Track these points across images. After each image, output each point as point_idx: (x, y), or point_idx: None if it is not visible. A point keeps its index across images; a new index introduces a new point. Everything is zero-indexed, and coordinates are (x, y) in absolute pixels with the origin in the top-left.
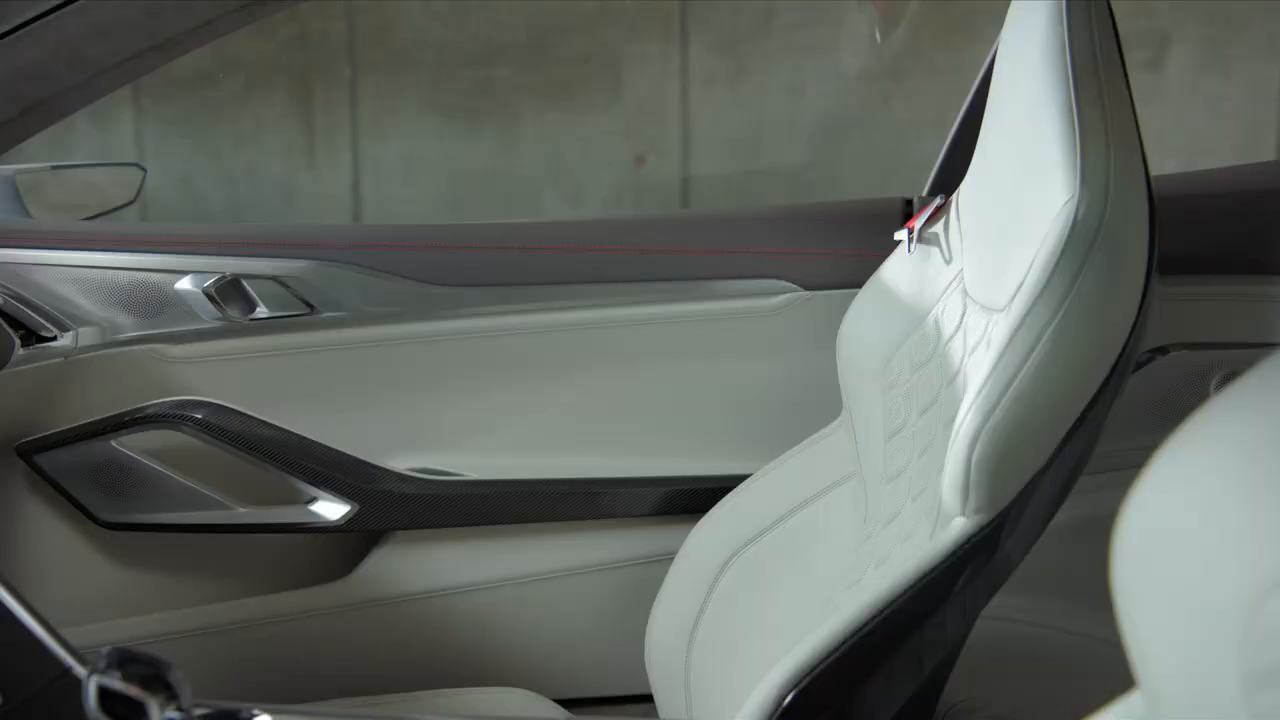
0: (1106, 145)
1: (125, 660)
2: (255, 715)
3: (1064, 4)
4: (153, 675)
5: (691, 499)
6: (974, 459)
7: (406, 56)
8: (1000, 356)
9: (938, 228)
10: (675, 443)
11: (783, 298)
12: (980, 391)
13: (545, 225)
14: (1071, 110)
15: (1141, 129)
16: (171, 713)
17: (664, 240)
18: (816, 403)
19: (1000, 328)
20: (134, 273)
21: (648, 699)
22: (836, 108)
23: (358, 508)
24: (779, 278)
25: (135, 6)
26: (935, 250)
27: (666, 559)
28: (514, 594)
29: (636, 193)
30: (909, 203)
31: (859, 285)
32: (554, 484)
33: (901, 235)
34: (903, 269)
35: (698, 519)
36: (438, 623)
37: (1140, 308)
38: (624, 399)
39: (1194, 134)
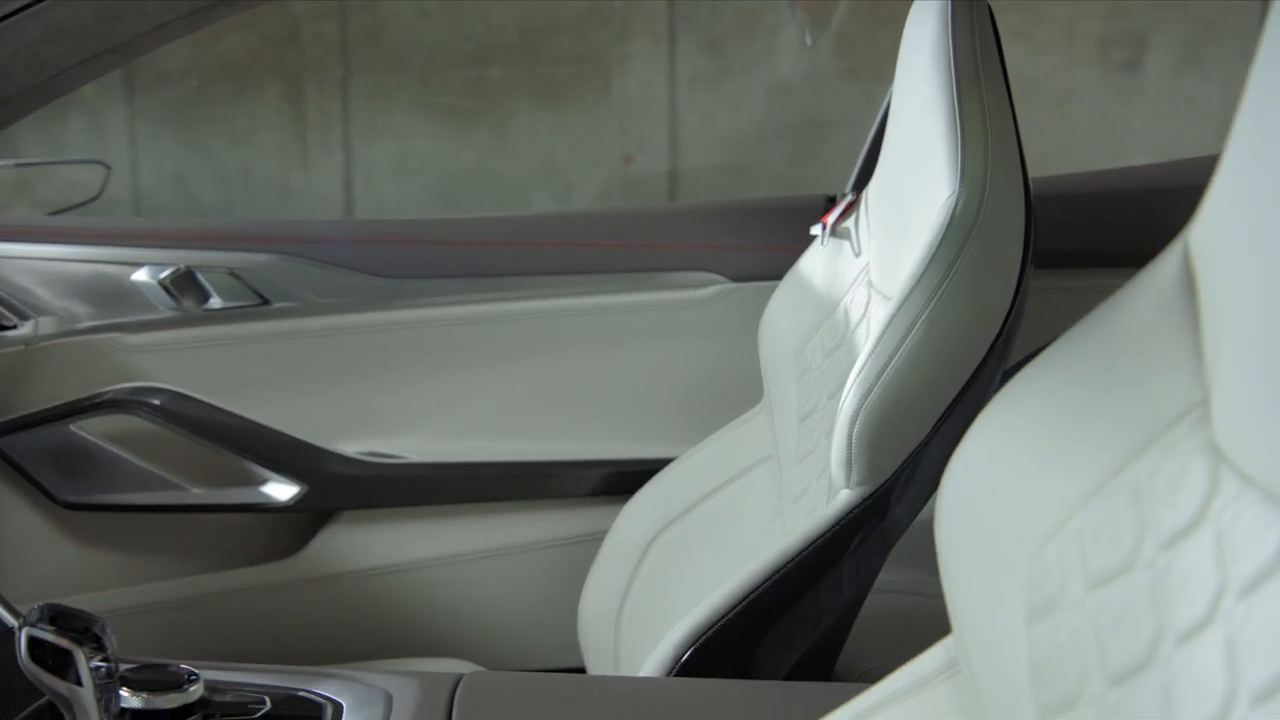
0: (985, 145)
1: (56, 615)
2: (180, 668)
3: (949, 10)
4: (82, 629)
5: (624, 480)
6: (854, 435)
7: (399, 57)
8: (879, 340)
9: (850, 222)
10: (609, 427)
11: (711, 289)
12: (860, 372)
13: (488, 221)
14: (954, 111)
15: (1123, 127)
16: (98, 662)
17: (601, 235)
18: (741, 389)
19: (882, 313)
20: (92, 265)
21: (580, 671)
22: (821, 107)
23: (307, 489)
24: (708, 270)
25: (90, 10)
26: (846, 244)
27: (600, 538)
28: (455, 571)
29: (625, 191)
30: (831, 199)
31: (782, 277)
32: (494, 466)
33: (816, 230)
34: (818, 262)
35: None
36: (382, 598)
37: (1015, 297)
38: (561, 386)
39: (1172, 133)
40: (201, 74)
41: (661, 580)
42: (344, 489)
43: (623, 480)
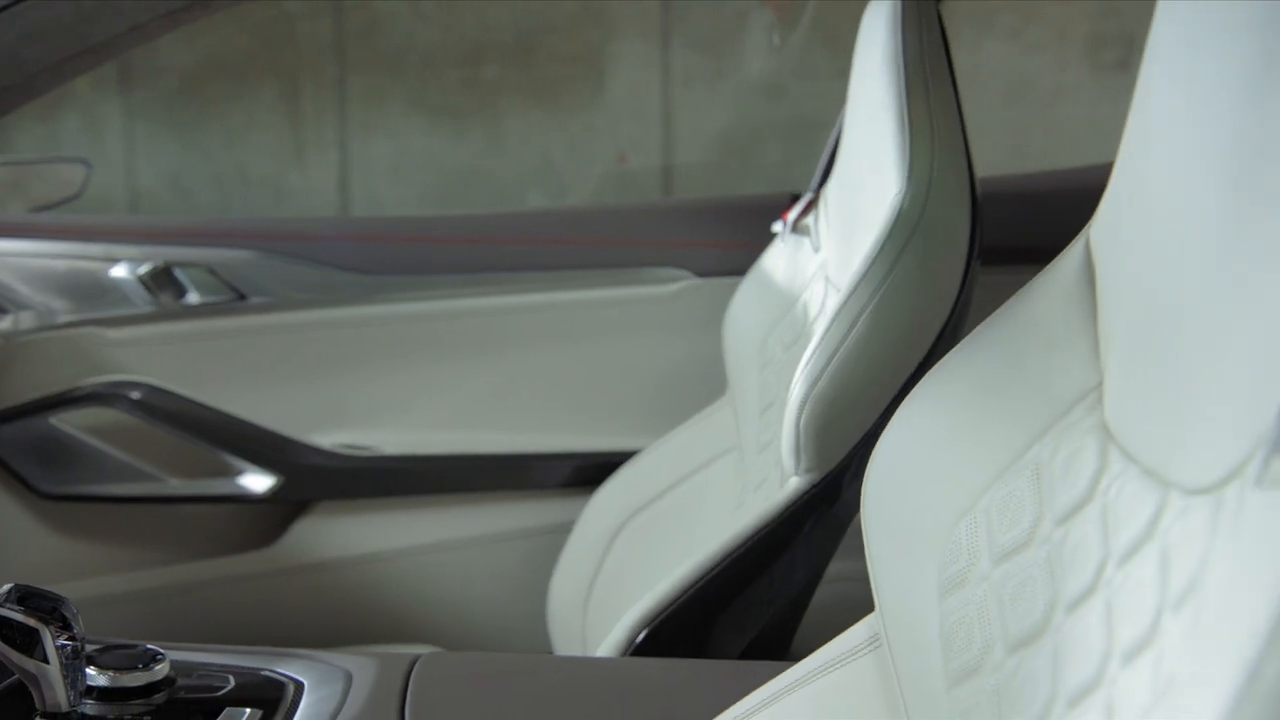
0: (931, 144)
1: (25, 595)
2: (146, 648)
3: (899, 12)
4: (49, 608)
5: (594, 472)
6: (801, 423)
7: (394, 57)
8: (826, 332)
9: (810, 219)
10: (579, 420)
11: (679, 285)
12: (807, 363)
13: (461, 218)
14: (901, 112)
15: (1113, 126)
16: (64, 641)
17: (572, 231)
18: (707, 382)
19: (829, 306)
20: (71, 261)
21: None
22: (814, 106)
23: (283, 480)
24: (676, 266)
25: (67, 11)
26: (807, 240)
27: (570, 528)
28: (428, 560)
29: (620, 189)
30: (796, 197)
31: (747, 273)
32: (466, 459)
33: (778, 227)
34: (779, 258)
35: None
36: (356, 587)
37: (961, 291)
38: (532, 380)
39: None
40: (199, 74)
41: (627, 567)
42: (319, 480)
43: (592, 472)
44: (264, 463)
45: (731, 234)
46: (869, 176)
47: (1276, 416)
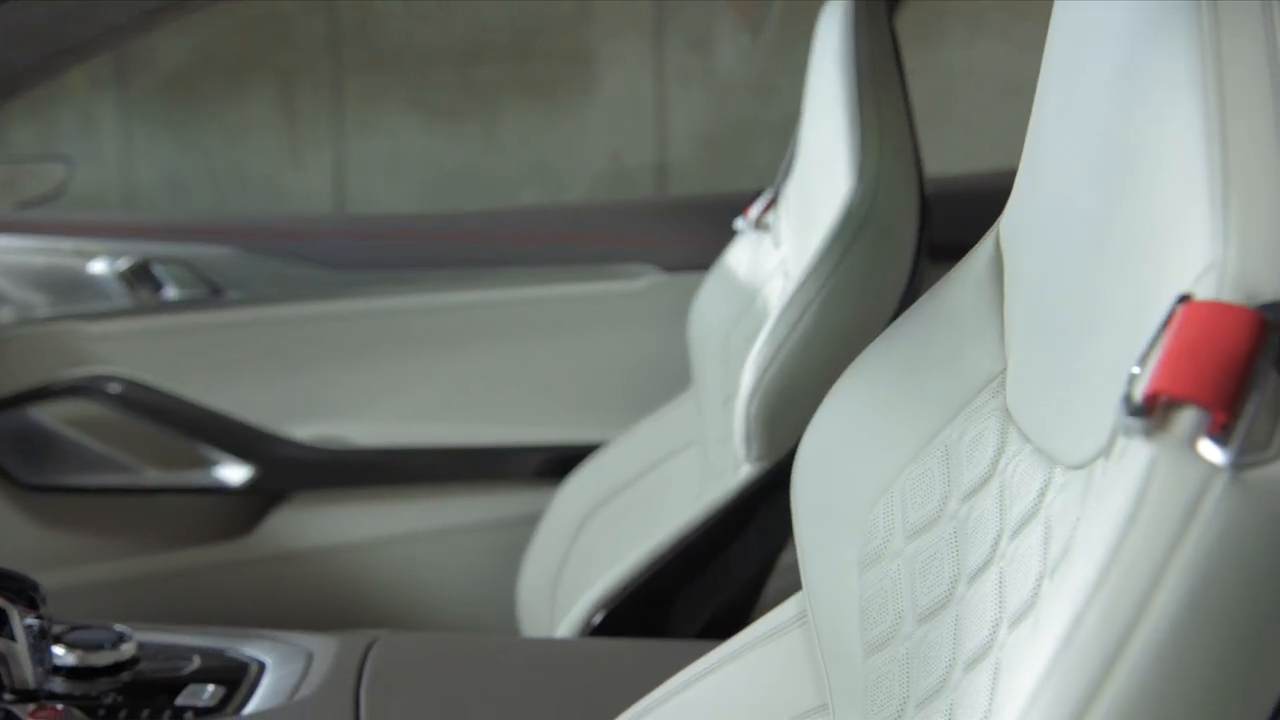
0: (880, 144)
1: None
2: (112, 628)
3: (852, 13)
4: (16, 588)
5: (563, 463)
6: (751, 412)
7: (390, 56)
8: (775, 325)
9: (771, 216)
10: (548, 413)
11: (647, 280)
12: (757, 354)
13: (433, 217)
14: (852, 112)
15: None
16: (31, 620)
17: (543, 229)
18: (674, 375)
19: (772, 300)
20: (50, 257)
21: None
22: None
23: (259, 472)
24: (644, 262)
25: (47, 12)
26: (768, 236)
27: (540, 518)
28: (401, 549)
29: (615, 186)
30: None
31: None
32: (439, 450)
33: (740, 224)
34: (743, 254)
35: None
36: (330, 576)
37: (909, 286)
38: (502, 373)
39: None
40: (196, 73)
41: (594, 555)
42: (294, 472)
43: (562, 463)
44: (240, 454)
45: (699, 231)
46: (822, 174)
47: (1121, 399)
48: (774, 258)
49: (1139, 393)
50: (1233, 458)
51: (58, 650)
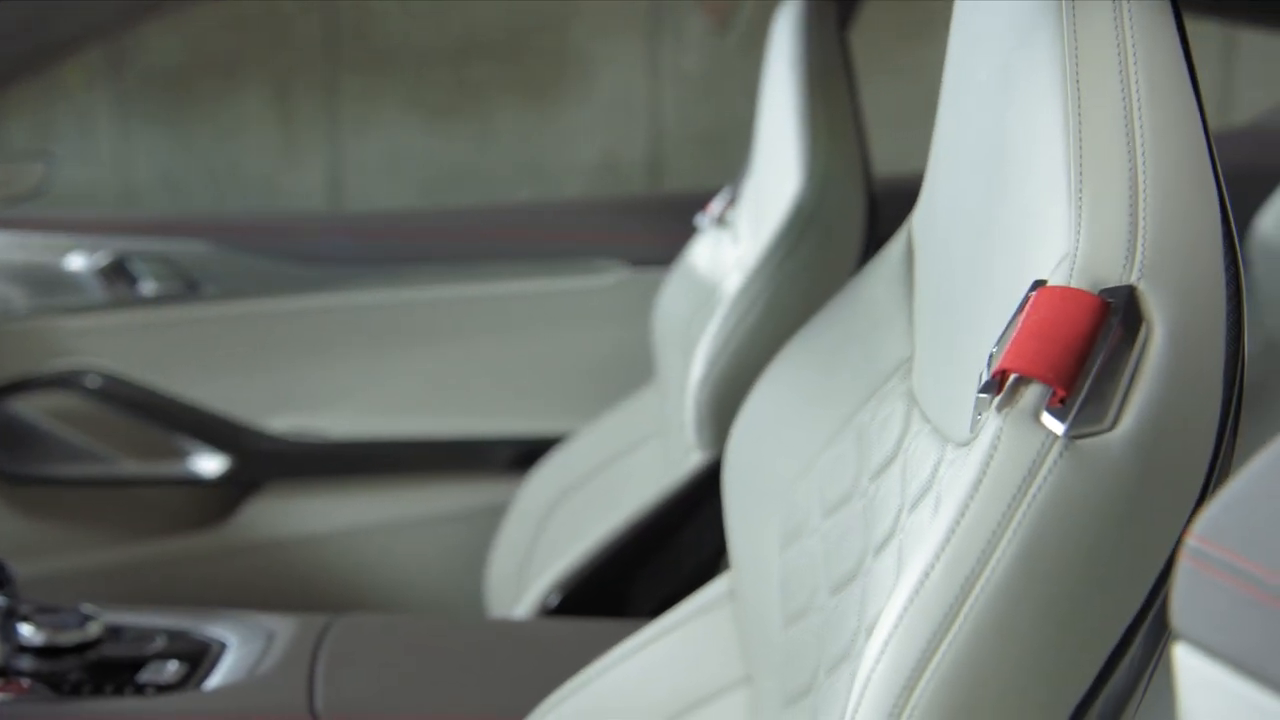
0: (829, 145)
1: None
2: (78, 609)
3: (803, 15)
4: None
5: (532, 454)
6: (701, 401)
7: (386, 56)
8: (724, 317)
9: (731, 213)
10: (518, 405)
11: (614, 276)
12: (706, 345)
13: (407, 214)
14: (801, 112)
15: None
16: None
17: (513, 225)
18: (639, 368)
19: (727, 294)
20: (28, 253)
21: None
22: None
23: (234, 462)
24: (614, 258)
25: (27, 11)
26: (728, 233)
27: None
28: (374, 538)
29: (611, 184)
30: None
31: None
32: (411, 442)
33: (701, 220)
34: (704, 250)
35: None
36: (303, 564)
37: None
38: (473, 367)
39: None
40: (195, 73)
41: (560, 543)
42: (269, 463)
43: (532, 454)
44: (216, 446)
45: (664, 227)
46: (774, 173)
47: (977, 386)
48: (732, 253)
49: (992, 370)
50: (1069, 428)
51: (24, 629)
